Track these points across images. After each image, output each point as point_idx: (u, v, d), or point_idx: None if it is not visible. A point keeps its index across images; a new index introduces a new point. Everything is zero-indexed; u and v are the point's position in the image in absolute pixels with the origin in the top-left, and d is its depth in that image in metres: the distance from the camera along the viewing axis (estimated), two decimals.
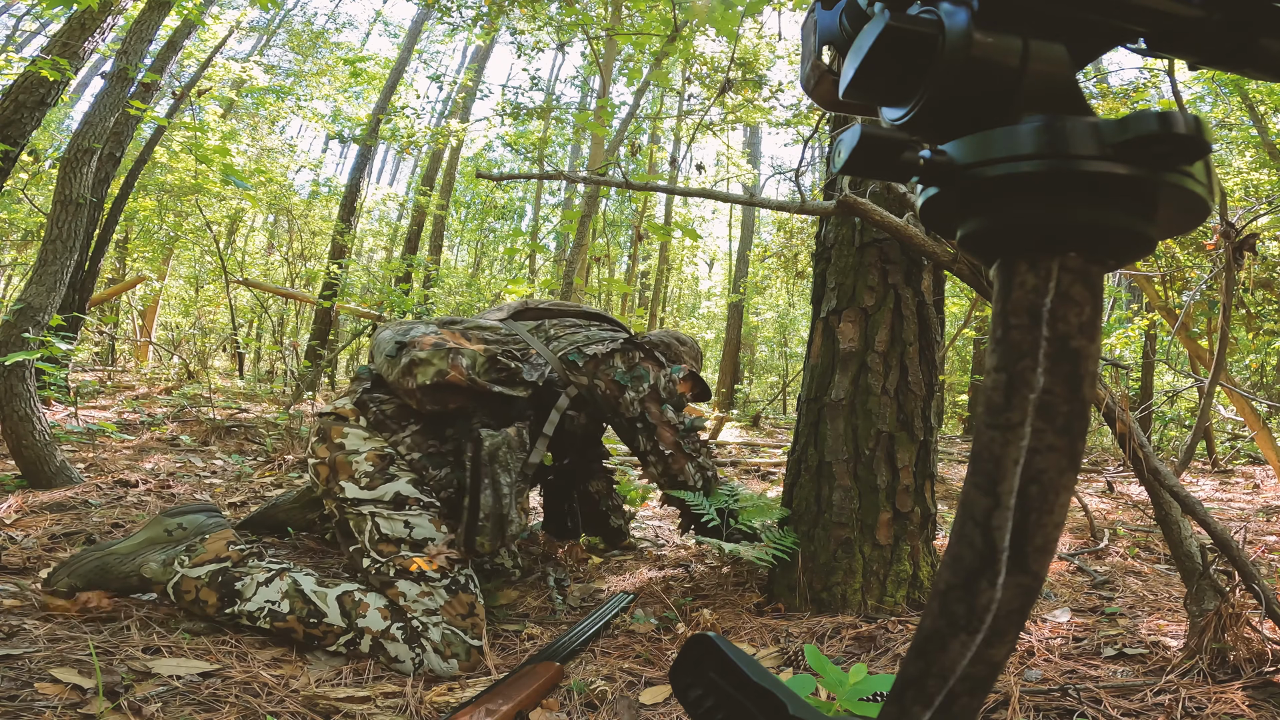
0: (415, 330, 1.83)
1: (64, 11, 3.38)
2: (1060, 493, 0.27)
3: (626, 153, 4.63)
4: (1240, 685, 1.19)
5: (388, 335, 1.86)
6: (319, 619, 1.52)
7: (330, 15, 14.39)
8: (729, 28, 3.26)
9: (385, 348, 1.82)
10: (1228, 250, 1.95)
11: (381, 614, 1.54)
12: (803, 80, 0.40)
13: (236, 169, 5.54)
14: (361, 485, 1.68)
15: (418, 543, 1.63)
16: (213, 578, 1.57)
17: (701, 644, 0.42)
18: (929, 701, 0.29)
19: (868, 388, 1.89)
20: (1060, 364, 0.27)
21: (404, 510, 1.67)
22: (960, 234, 0.31)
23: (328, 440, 1.76)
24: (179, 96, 6.43)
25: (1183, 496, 1.40)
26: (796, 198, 1.71)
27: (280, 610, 1.53)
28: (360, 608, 1.54)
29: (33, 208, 7.24)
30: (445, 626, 1.54)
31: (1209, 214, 0.29)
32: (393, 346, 1.79)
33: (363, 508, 1.66)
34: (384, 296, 6.48)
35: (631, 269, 10.33)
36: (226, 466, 3.39)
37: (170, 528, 1.65)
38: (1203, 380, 3.05)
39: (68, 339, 3.37)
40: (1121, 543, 2.60)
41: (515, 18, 7.21)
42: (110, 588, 1.59)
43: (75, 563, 1.59)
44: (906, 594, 1.82)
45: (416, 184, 12.04)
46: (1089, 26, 0.30)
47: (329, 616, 1.52)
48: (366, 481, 1.69)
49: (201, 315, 10.25)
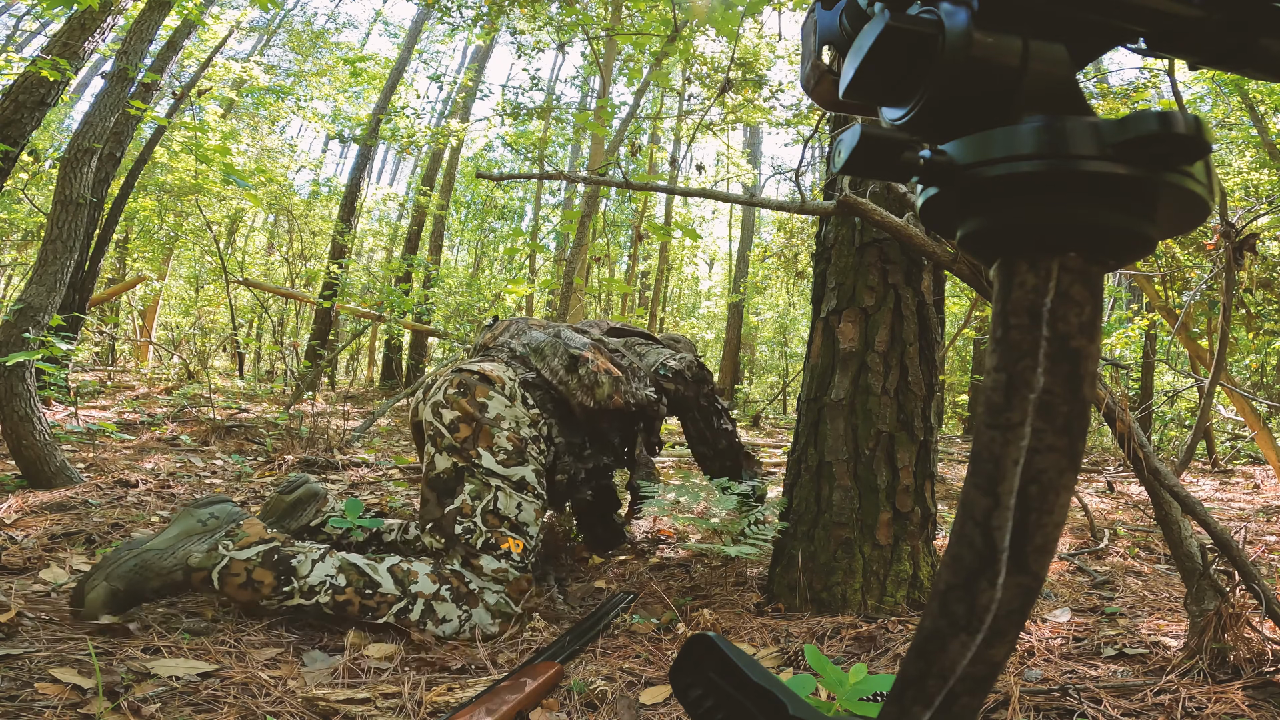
0: (575, 340, 2.08)
1: (64, 11, 3.39)
2: (1060, 493, 0.27)
3: (626, 153, 4.63)
4: (1240, 685, 1.19)
5: (544, 338, 2.10)
6: (374, 589, 1.59)
7: (330, 15, 14.39)
8: (729, 28, 3.26)
9: (554, 352, 2.05)
10: (1228, 250, 1.95)
11: (430, 579, 1.63)
12: (803, 80, 0.40)
13: (237, 169, 5.54)
14: (498, 459, 1.80)
15: (518, 526, 1.76)
16: (265, 557, 1.57)
17: (701, 644, 0.42)
18: (929, 701, 0.29)
19: (868, 388, 1.89)
20: (1060, 364, 0.27)
21: (521, 494, 1.80)
22: (960, 234, 0.31)
23: (470, 397, 1.86)
24: (179, 96, 6.44)
25: (1183, 496, 1.40)
26: (796, 198, 1.71)
27: (339, 584, 1.58)
28: (410, 575, 1.63)
29: (33, 208, 7.24)
30: (502, 596, 1.68)
31: (1209, 214, 0.29)
32: (567, 358, 2.02)
33: (491, 479, 1.77)
34: (384, 296, 6.48)
35: (631, 269, 10.33)
36: (226, 466, 3.39)
37: (203, 518, 1.64)
38: (1203, 380, 3.05)
39: (68, 339, 3.37)
40: (1121, 543, 2.60)
41: (515, 18, 7.21)
42: (151, 585, 1.54)
43: (110, 564, 1.53)
44: (906, 594, 1.82)
45: (416, 184, 12.05)
46: (1089, 26, 0.30)
47: (383, 586, 1.60)
48: (503, 458, 1.81)
49: (201, 315, 10.25)
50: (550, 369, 2.03)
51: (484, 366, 1.94)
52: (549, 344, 2.08)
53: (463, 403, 1.84)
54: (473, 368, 1.93)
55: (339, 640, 1.59)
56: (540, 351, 2.08)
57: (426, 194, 10.79)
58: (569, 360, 2.01)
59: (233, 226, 11.38)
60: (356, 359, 13.86)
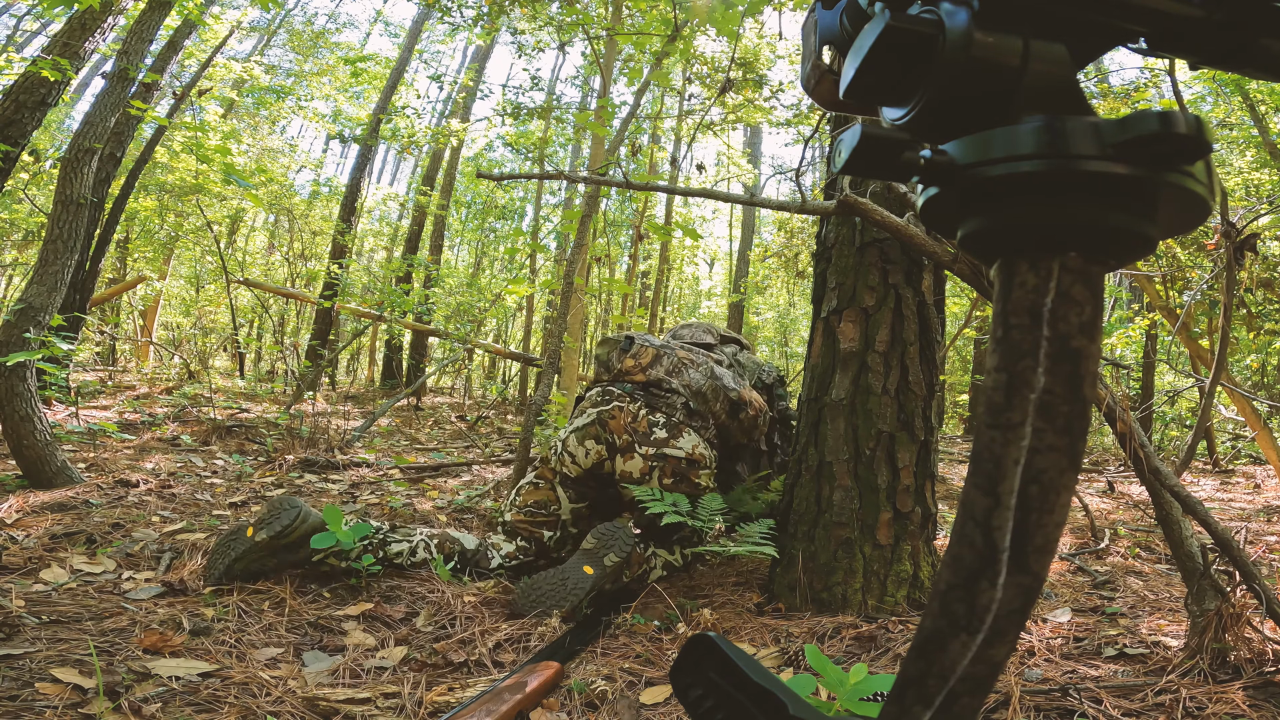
0: (728, 381, 2.37)
1: (65, 11, 3.39)
2: (1061, 492, 0.27)
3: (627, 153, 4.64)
4: (1241, 685, 1.19)
5: (703, 381, 2.34)
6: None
7: (330, 15, 14.38)
8: (729, 28, 3.26)
9: (715, 397, 2.34)
10: (1228, 250, 1.95)
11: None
12: (803, 80, 0.40)
13: (237, 168, 5.54)
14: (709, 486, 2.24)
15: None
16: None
17: (702, 644, 0.42)
18: (929, 701, 0.29)
19: (868, 388, 1.89)
20: (1061, 364, 0.27)
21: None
22: (961, 234, 0.31)
23: (687, 480, 2.20)
24: (180, 96, 6.44)
25: (1183, 496, 1.40)
26: (797, 198, 1.71)
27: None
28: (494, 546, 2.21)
29: (33, 208, 7.25)
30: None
31: (1210, 214, 0.29)
32: (728, 404, 2.35)
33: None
34: (384, 296, 6.48)
35: (632, 269, 10.31)
36: (227, 466, 3.39)
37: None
38: (1203, 380, 3.05)
39: (68, 339, 3.37)
40: (1122, 543, 2.60)
41: (515, 18, 7.21)
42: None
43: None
44: (907, 594, 1.82)
45: (417, 184, 12.05)
46: (1089, 26, 0.30)
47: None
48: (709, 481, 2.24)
49: (202, 315, 10.26)
50: (714, 413, 2.34)
51: (694, 449, 2.19)
52: (709, 388, 2.34)
53: (684, 480, 2.17)
54: (682, 454, 2.16)
55: (339, 640, 1.59)
56: (703, 396, 2.32)
57: (427, 194, 10.79)
58: (730, 406, 2.35)
59: (233, 226, 11.38)
60: (357, 359, 13.86)
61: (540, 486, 2.32)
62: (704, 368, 2.38)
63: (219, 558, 1.86)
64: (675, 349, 2.42)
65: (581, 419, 2.28)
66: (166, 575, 1.87)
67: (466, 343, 6.84)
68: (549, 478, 2.32)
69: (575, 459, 2.25)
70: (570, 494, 2.29)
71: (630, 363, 2.37)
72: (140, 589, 1.77)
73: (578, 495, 2.30)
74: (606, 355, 2.44)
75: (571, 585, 1.86)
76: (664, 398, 2.29)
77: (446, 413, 6.93)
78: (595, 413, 2.26)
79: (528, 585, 1.88)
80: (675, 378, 2.33)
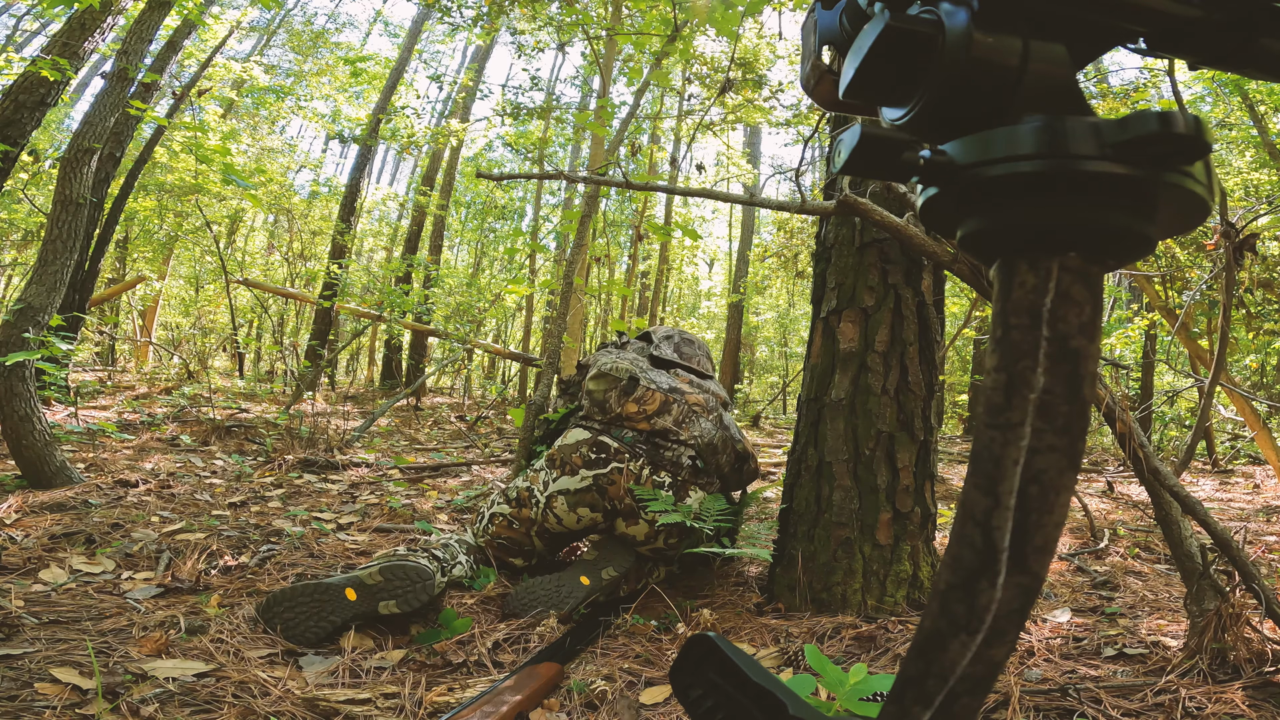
0: (736, 432, 2.31)
1: (64, 11, 3.39)
2: (1060, 493, 0.27)
3: (627, 153, 4.63)
4: (1240, 685, 1.19)
5: (713, 431, 2.23)
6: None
7: (330, 15, 14.38)
8: (729, 28, 3.26)
9: (724, 449, 2.25)
10: (1228, 250, 1.95)
11: None
12: (803, 80, 0.40)
13: (237, 168, 5.54)
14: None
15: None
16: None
17: (701, 644, 0.42)
18: (929, 701, 0.29)
19: (868, 388, 1.89)
20: (1060, 364, 0.27)
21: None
22: (960, 234, 0.31)
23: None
24: (179, 96, 6.44)
25: (1183, 496, 1.40)
26: (796, 198, 1.71)
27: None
28: None
29: (33, 208, 7.24)
30: None
31: (1209, 214, 0.29)
32: (734, 458, 2.28)
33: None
34: (384, 296, 6.49)
35: (631, 269, 10.32)
36: (226, 466, 3.39)
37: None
38: (1203, 380, 3.05)
39: (68, 339, 3.37)
40: (1121, 543, 2.60)
41: (515, 18, 7.22)
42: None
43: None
44: (906, 594, 1.82)
45: (416, 184, 12.04)
46: (1089, 26, 0.30)
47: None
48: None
49: (201, 315, 10.26)
50: (719, 465, 2.23)
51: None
52: (720, 439, 2.24)
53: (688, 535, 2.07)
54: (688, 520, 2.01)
55: (335, 643, 1.59)
56: (713, 448, 2.22)
57: (426, 194, 10.79)
58: (735, 459, 2.29)
59: (233, 226, 11.38)
60: (356, 359, 13.87)
61: (514, 528, 2.08)
62: (714, 414, 2.22)
63: (308, 618, 1.57)
64: (685, 395, 2.19)
65: (574, 481, 2.01)
66: (164, 577, 1.87)
67: (466, 343, 6.84)
68: (525, 522, 2.07)
69: (563, 521, 2.03)
70: (547, 542, 2.10)
71: (633, 408, 2.11)
72: (139, 589, 1.77)
73: (556, 544, 2.14)
74: (603, 394, 2.14)
75: (565, 594, 1.85)
76: (669, 449, 2.09)
77: (446, 413, 6.93)
78: (592, 477, 2.00)
79: (522, 589, 1.88)
80: (684, 429, 2.13)
